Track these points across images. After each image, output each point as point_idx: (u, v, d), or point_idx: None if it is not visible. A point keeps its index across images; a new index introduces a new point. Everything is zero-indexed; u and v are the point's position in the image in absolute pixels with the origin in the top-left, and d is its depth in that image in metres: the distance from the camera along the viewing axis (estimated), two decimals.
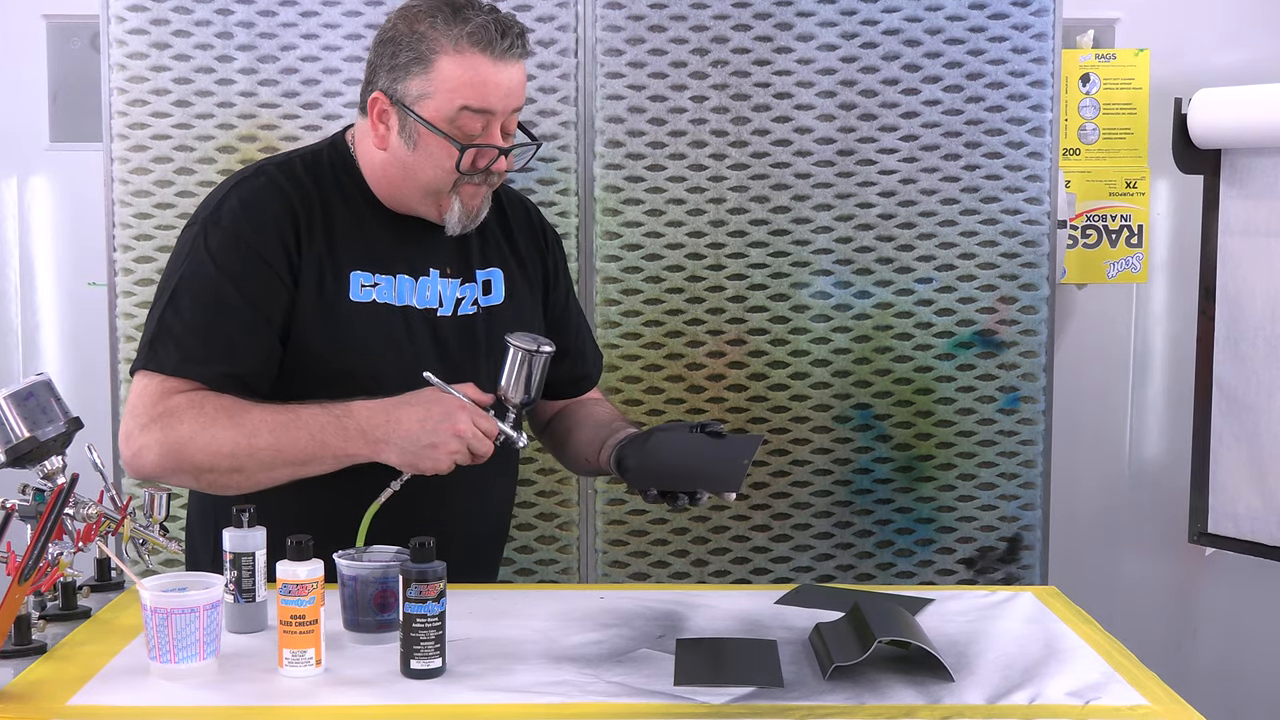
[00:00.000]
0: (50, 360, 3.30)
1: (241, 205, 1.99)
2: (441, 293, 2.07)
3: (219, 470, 1.90)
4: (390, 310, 2.02)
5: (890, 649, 1.68)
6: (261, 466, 1.90)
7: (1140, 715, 1.56)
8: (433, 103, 1.95)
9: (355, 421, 1.89)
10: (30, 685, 1.61)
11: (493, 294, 2.13)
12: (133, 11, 2.70)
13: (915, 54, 2.73)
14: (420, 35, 1.95)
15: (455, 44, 1.94)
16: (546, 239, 2.24)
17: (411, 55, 1.96)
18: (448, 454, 1.87)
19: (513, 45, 1.96)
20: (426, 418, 1.87)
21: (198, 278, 1.96)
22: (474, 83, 1.94)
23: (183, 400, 1.91)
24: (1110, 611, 2.33)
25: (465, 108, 1.95)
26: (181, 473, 1.92)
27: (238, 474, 1.90)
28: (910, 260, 2.76)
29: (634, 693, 1.59)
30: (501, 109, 1.97)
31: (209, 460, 1.89)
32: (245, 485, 1.92)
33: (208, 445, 1.89)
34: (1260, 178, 2.91)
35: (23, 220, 3.30)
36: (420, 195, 2.02)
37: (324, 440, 1.89)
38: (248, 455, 1.89)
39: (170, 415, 1.90)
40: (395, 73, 1.98)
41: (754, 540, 2.80)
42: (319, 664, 1.63)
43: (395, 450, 1.88)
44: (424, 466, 1.88)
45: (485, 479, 2.06)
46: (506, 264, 2.15)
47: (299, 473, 1.91)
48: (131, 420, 1.93)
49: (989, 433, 2.79)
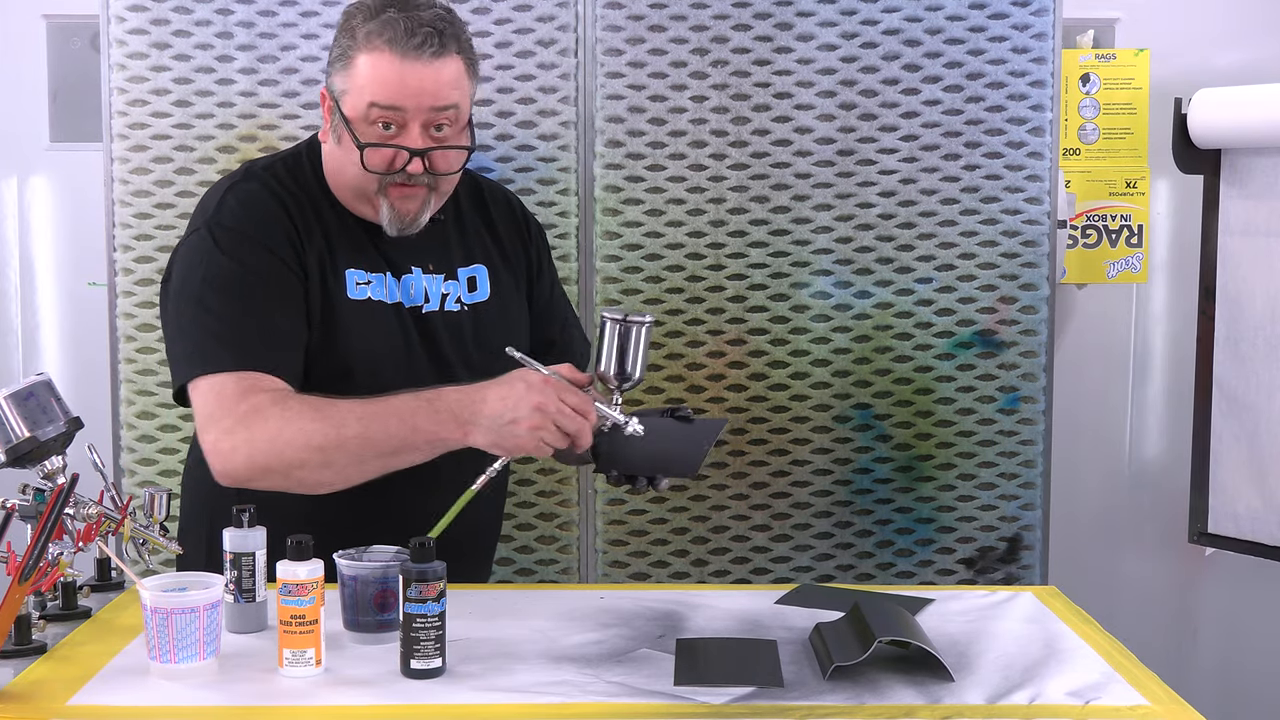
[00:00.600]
0: (50, 360, 3.30)
1: (241, 206, 1.99)
2: (426, 289, 2.07)
3: (310, 465, 1.84)
4: (384, 308, 2.03)
5: (890, 649, 1.68)
6: (351, 459, 1.85)
7: (1140, 715, 1.56)
8: (350, 99, 1.96)
9: (445, 404, 1.84)
10: (30, 685, 1.61)
11: (478, 290, 2.12)
12: (133, 11, 2.70)
13: (915, 54, 2.73)
14: (350, 31, 1.97)
15: (367, 40, 1.94)
16: (530, 230, 2.24)
17: (339, 51, 1.98)
18: (529, 429, 1.81)
19: (424, 43, 1.93)
20: (508, 394, 1.83)
21: (221, 277, 1.94)
22: (380, 80, 1.93)
23: (264, 398, 1.86)
24: (1110, 611, 2.34)
25: (374, 104, 1.94)
26: (272, 472, 1.86)
27: (328, 469, 1.85)
28: (910, 260, 2.76)
29: (634, 693, 1.59)
30: (413, 107, 1.94)
31: (300, 455, 1.84)
32: (336, 481, 1.87)
33: (295, 439, 1.84)
34: (1260, 178, 2.91)
35: (23, 220, 3.30)
36: (352, 193, 2.02)
37: (415, 424, 1.84)
38: (336, 446, 1.84)
39: (255, 413, 1.85)
40: (331, 68, 2.00)
41: (754, 540, 2.80)
42: (319, 664, 1.63)
43: (481, 431, 1.83)
44: (508, 445, 1.83)
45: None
46: (490, 259, 2.15)
47: (389, 464, 1.86)
48: (215, 427, 1.87)
49: (989, 433, 2.79)
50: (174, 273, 2.01)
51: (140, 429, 2.73)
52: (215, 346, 1.90)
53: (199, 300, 1.93)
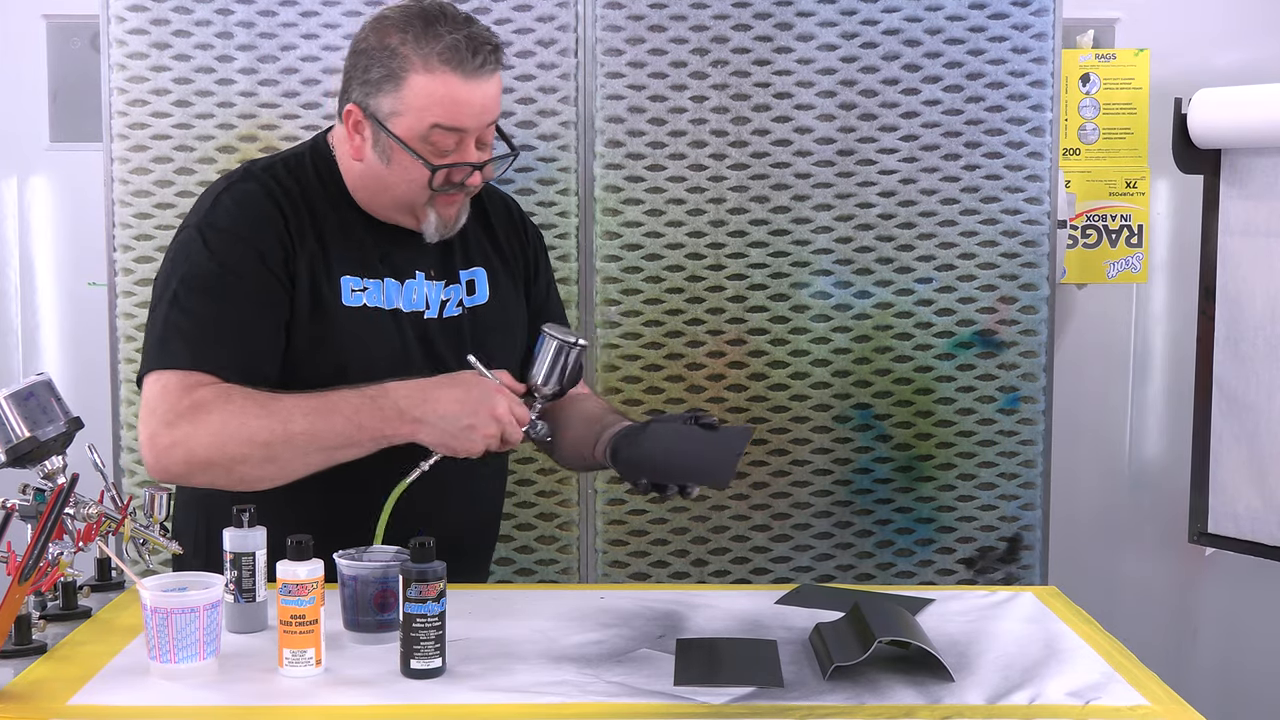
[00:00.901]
0: (50, 360, 3.30)
1: (236, 206, 1.99)
2: (427, 295, 2.07)
3: (252, 460, 1.86)
4: (381, 314, 2.02)
5: (890, 649, 1.68)
6: (296, 453, 1.86)
7: (1140, 715, 1.56)
8: (405, 120, 1.94)
9: (391, 401, 1.87)
10: (30, 685, 1.61)
11: (477, 294, 2.12)
12: (133, 11, 2.70)
13: (915, 54, 2.73)
14: (392, 51, 1.93)
15: (426, 62, 1.91)
16: (527, 233, 2.24)
17: (383, 71, 1.94)
18: (483, 436, 1.86)
19: (485, 62, 1.93)
20: (465, 399, 1.86)
21: (199, 276, 1.94)
22: (445, 102, 1.92)
23: (208, 392, 1.87)
24: (1110, 611, 2.34)
25: (437, 126, 1.93)
26: (214, 466, 1.86)
27: (271, 464, 1.86)
28: (910, 260, 2.76)
29: (634, 693, 1.59)
30: (474, 126, 1.95)
31: (243, 450, 1.85)
32: (278, 476, 1.88)
33: (239, 433, 1.85)
34: (1260, 178, 2.91)
35: (23, 220, 3.30)
36: (396, 207, 2.02)
37: (360, 422, 1.86)
38: (283, 442, 1.85)
39: (197, 408, 1.86)
40: (368, 87, 1.96)
41: (754, 540, 2.80)
42: (319, 664, 1.63)
43: (431, 430, 1.86)
44: (457, 447, 1.87)
45: (477, 479, 2.06)
46: (489, 262, 2.15)
47: (334, 458, 1.88)
48: (154, 420, 1.88)
49: (989, 433, 2.79)
50: (164, 265, 2.02)
51: None
52: (175, 342, 1.91)
53: (173, 297, 1.94)
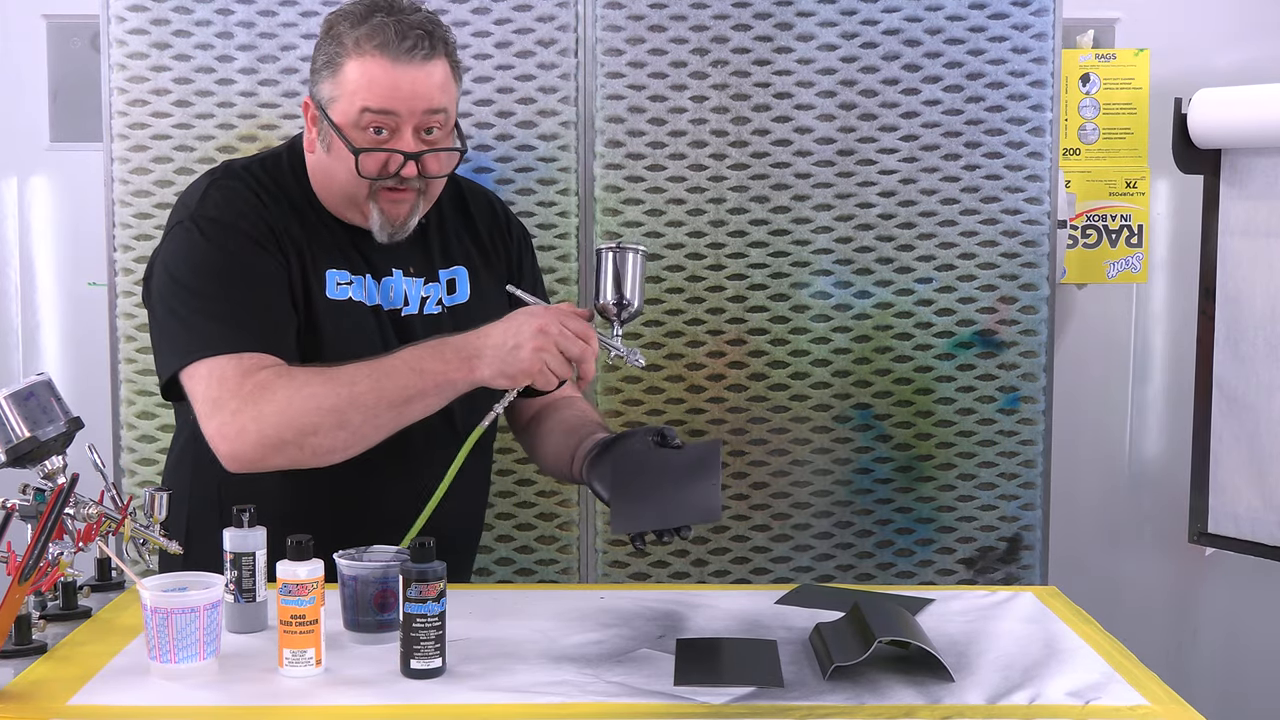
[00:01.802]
0: (50, 360, 3.30)
1: (225, 199, 2.00)
2: (407, 292, 2.07)
3: (324, 429, 1.85)
4: (363, 309, 2.03)
5: (890, 649, 1.68)
6: (367, 415, 1.85)
7: (1140, 715, 1.56)
8: (339, 105, 1.96)
9: (449, 345, 1.88)
10: (30, 685, 1.61)
11: (457, 293, 2.12)
12: (133, 11, 2.70)
13: (915, 54, 2.73)
14: (335, 38, 1.97)
15: (356, 45, 1.95)
16: (511, 232, 2.24)
17: (325, 58, 1.98)
18: (533, 350, 1.83)
19: (415, 46, 1.94)
20: (510, 324, 1.87)
21: (210, 265, 1.94)
22: (373, 85, 1.94)
23: (268, 373, 1.87)
24: (1110, 611, 2.33)
25: (366, 109, 1.94)
26: (287, 444, 1.85)
27: (343, 430, 1.85)
28: (910, 260, 2.76)
29: (634, 693, 1.59)
30: (406, 111, 1.95)
31: (313, 420, 1.84)
32: (351, 442, 1.87)
33: (307, 404, 1.84)
34: (1260, 178, 2.91)
35: (23, 220, 3.30)
36: (342, 200, 2.02)
37: (423, 369, 1.86)
38: (349, 404, 1.84)
39: (261, 388, 1.85)
40: (316, 76, 2.00)
41: (754, 540, 2.80)
42: (319, 664, 1.63)
43: (486, 363, 1.85)
44: (512, 371, 1.84)
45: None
46: (470, 261, 2.15)
47: (403, 415, 1.87)
48: (218, 410, 1.87)
49: (989, 433, 2.79)
50: (158, 268, 2.00)
51: (140, 429, 2.73)
52: (213, 329, 1.90)
53: (190, 288, 1.93)
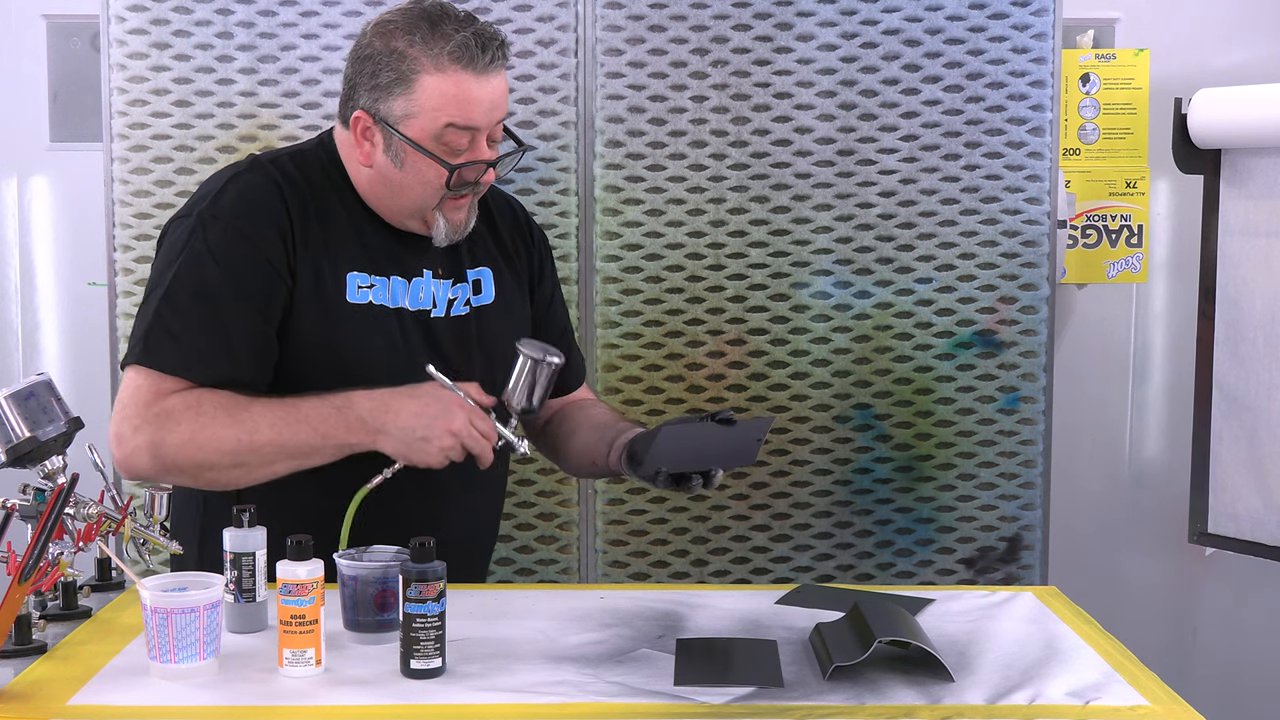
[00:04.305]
0: (50, 360, 3.30)
1: (240, 198, 1.97)
2: (434, 294, 2.07)
3: (219, 467, 1.90)
4: (385, 312, 2.02)
5: (890, 649, 1.68)
6: (263, 461, 1.90)
7: (1140, 715, 1.56)
8: (417, 122, 1.94)
9: (355, 412, 1.90)
10: (30, 685, 1.61)
11: (483, 293, 2.12)
12: (133, 11, 2.70)
13: (915, 54, 2.73)
14: (400, 54, 1.93)
15: (436, 62, 1.92)
16: (533, 236, 2.24)
17: (393, 75, 1.94)
18: (439, 449, 1.88)
19: (494, 58, 1.94)
20: (423, 412, 1.89)
21: (195, 273, 1.94)
22: (459, 100, 1.93)
23: (178, 401, 1.89)
24: (1110, 611, 2.33)
25: (451, 125, 1.94)
26: (179, 473, 1.91)
27: (238, 469, 1.91)
28: (910, 260, 2.76)
29: (634, 693, 1.59)
30: (486, 123, 1.96)
31: (210, 458, 1.89)
32: (244, 480, 1.92)
33: (207, 444, 1.88)
34: (1260, 178, 2.91)
35: (23, 220, 3.30)
36: (406, 210, 2.01)
37: (325, 432, 1.90)
38: (249, 451, 1.89)
39: (165, 417, 1.89)
40: (377, 92, 1.96)
41: (754, 540, 2.80)
42: (319, 664, 1.63)
43: (390, 440, 1.89)
44: (415, 458, 1.89)
45: (467, 486, 2.06)
46: (495, 263, 2.15)
47: (301, 465, 1.92)
48: (124, 421, 1.90)
49: (989, 433, 2.79)
50: (160, 251, 2.01)
51: None
52: (161, 342, 1.92)
53: (168, 291, 1.94)
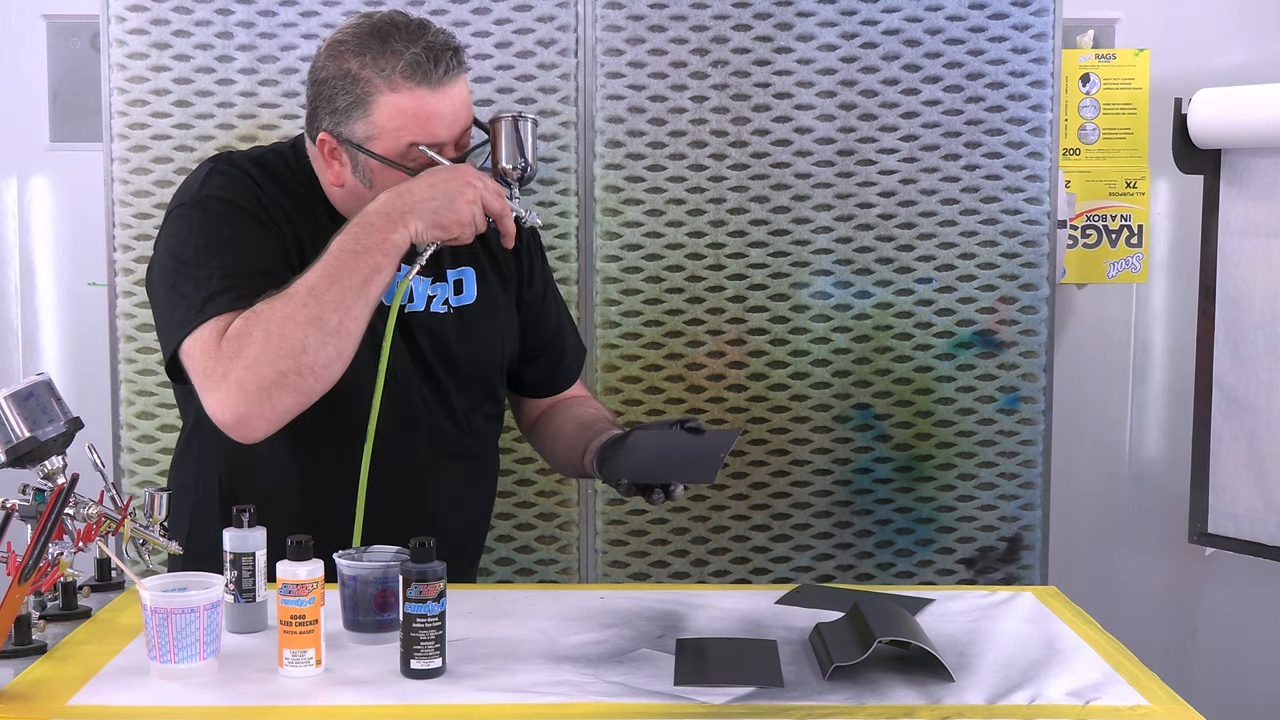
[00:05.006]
0: (50, 360, 3.30)
1: (225, 183, 1.97)
2: (412, 289, 2.05)
3: (311, 343, 1.80)
4: None
5: (890, 649, 1.68)
6: (335, 309, 1.81)
7: (1140, 715, 1.56)
8: (381, 143, 1.93)
9: (375, 210, 1.87)
10: (30, 685, 1.61)
11: (464, 293, 2.11)
12: (133, 11, 2.70)
13: (915, 54, 2.73)
14: (353, 77, 1.91)
15: (390, 82, 1.90)
16: (520, 235, 2.23)
17: (349, 99, 1.92)
18: (466, 203, 1.87)
19: (448, 69, 1.91)
20: (435, 182, 1.88)
21: (210, 242, 1.91)
22: (418, 118, 1.91)
23: (237, 323, 1.82)
24: (1110, 611, 2.34)
25: (413, 144, 1.92)
26: (284, 375, 1.79)
27: (322, 333, 1.80)
28: (910, 260, 2.76)
29: (634, 693, 1.59)
30: (450, 136, 1.94)
31: (298, 338, 1.80)
32: (341, 347, 1.82)
33: (284, 328, 1.80)
34: (1260, 178, 2.91)
35: (23, 220, 3.30)
36: None
37: (362, 247, 1.84)
38: (321, 309, 1.81)
39: (237, 338, 1.81)
40: (336, 116, 1.94)
41: (754, 540, 2.80)
42: (319, 664, 1.63)
43: (417, 216, 1.86)
44: (449, 222, 1.86)
45: (454, 484, 2.05)
46: (478, 262, 2.14)
47: (369, 296, 1.84)
48: (209, 379, 1.82)
49: (989, 433, 2.79)
50: (160, 250, 1.98)
51: (140, 429, 2.73)
52: (205, 298, 1.85)
53: (190, 263, 1.90)
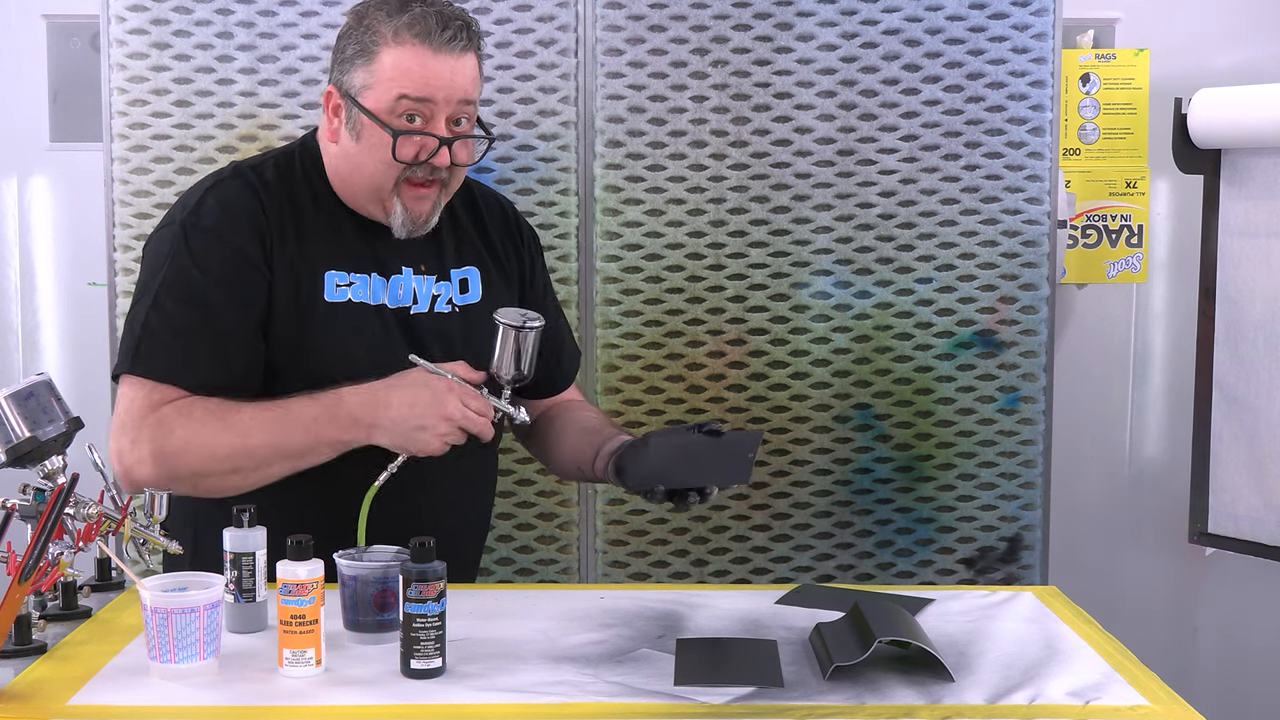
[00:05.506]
0: (50, 360, 3.30)
1: (220, 205, 2.00)
2: (416, 290, 2.07)
3: (216, 474, 1.92)
4: (365, 309, 2.03)
5: (890, 649, 1.68)
6: (259, 464, 1.92)
7: (1140, 715, 1.56)
8: (373, 93, 1.97)
9: (346, 409, 1.91)
10: (30, 685, 1.61)
11: (469, 292, 2.12)
12: (133, 11, 2.70)
13: (915, 54, 2.73)
14: (366, 28, 1.99)
15: (395, 34, 1.96)
16: (522, 235, 2.24)
17: (357, 48, 1.99)
18: (437, 436, 1.90)
19: (455, 37, 1.97)
20: (415, 401, 1.90)
21: (181, 281, 1.96)
22: (411, 72, 1.96)
23: (170, 410, 1.92)
24: (1110, 611, 2.33)
25: (403, 96, 1.96)
26: (178, 480, 1.92)
27: (235, 474, 1.92)
28: (910, 260, 2.76)
29: (634, 693, 1.59)
30: (442, 99, 1.97)
31: (205, 465, 1.91)
32: (242, 485, 1.93)
33: (201, 450, 1.90)
34: (1260, 178, 2.91)
35: (23, 220, 3.30)
36: (366, 191, 2.02)
37: (318, 432, 1.91)
38: (244, 455, 1.91)
39: (161, 425, 1.91)
40: (344, 65, 2.01)
41: (754, 540, 2.80)
42: (319, 664, 1.63)
43: (386, 434, 1.90)
44: (415, 449, 1.91)
45: (455, 484, 2.06)
46: (482, 262, 2.15)
47: (296, 466, 1.93)
48: (122, 435, 1.94)
49: (989, 433, 2.79)
50: (143, 263, 2.03)
51: None
52: (152, 350, 1.94)
53: (156, 299, 1.97)
